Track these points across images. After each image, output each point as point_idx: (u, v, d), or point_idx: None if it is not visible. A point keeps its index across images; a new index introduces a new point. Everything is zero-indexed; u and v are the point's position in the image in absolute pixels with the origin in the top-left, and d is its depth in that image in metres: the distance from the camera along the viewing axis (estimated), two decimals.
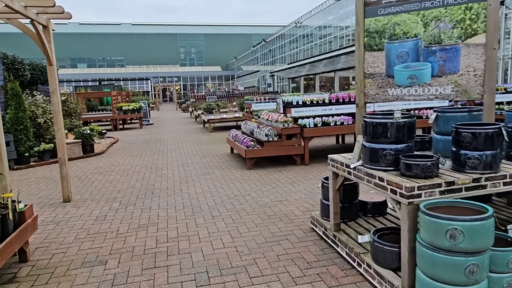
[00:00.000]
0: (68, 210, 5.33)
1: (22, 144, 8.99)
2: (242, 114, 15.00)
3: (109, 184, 6.85)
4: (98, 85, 32.17)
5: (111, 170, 8.11)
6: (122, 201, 5.69)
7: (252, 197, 5.61)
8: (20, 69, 10.30)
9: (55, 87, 5.61)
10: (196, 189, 6.25)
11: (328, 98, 8.24)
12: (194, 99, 29.79)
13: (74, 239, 4.21)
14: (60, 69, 61.81)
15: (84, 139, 10.27)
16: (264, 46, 49.50)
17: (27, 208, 3.64)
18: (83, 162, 9.41)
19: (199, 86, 62.76)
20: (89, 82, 48.76)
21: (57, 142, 5.75)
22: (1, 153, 3.68)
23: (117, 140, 13.43)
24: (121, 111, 17.88)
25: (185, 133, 15.11)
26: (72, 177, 7.57)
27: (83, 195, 6.14)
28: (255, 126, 8.62)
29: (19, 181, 7.41)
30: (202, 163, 8.53)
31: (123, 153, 10.47)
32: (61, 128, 5.72)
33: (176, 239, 4.09)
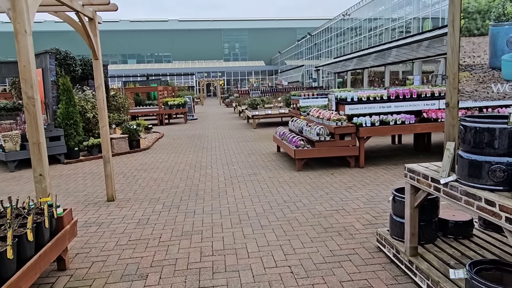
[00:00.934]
0: (112, 211, 5.12)
1: (72, 138, 9.08)
2: (288, 110, 14.43)
3: (153, 182, 6.63)
4: (146, 80, 32.99)
5: (156, 167, 7.92)
6: (166, 202, 5.40)
7: (304, 204, 5.09)
8: (72, 64, 10.46)
9: (100, 82, 5.41)
10: (242, 192, 5.83)
11: (386, 95, 7.48)
12: (238, 94, 29.65)
13: (115, 245, 3.93)
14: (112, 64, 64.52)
15: (130, 134, 10.25)
16: (309, 40, 48.31)
17: (65, 213, 3.38)
18: (129, 157, 9.36)
19: (243, 81, 62.78)
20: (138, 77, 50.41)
21: (101, 139, 5.56)
22: (41, 153, 3.45)
23: (162, 135, 13.41)
24: (167, 105, 17.98)
25: (229, 129, 14.83)
26: (118, 173, 7.46)
27: (127, 194, 5.93)
28: (304, 124, 8.05)
29: (68, 176, 7.42)
30: (247, 162, 8.11)
31: (167, 149, 10.33)
32: (105, 125, 5.53)
33: (222, 252, 3.68)
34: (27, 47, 3.32)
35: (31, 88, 3.37)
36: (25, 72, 3.35)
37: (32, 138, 3.43)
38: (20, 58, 3.33)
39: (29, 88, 3.37)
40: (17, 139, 8.23)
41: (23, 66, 3.34)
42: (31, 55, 3.36)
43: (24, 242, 2.60)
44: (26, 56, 3.33)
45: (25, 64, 3.34)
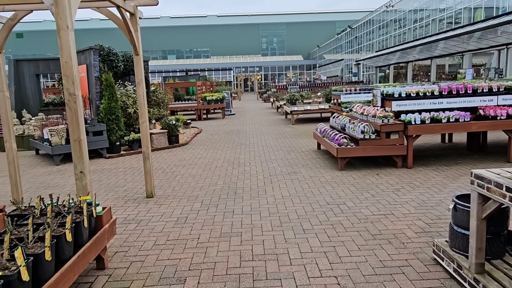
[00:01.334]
0: (150, 208, 5.08)
1: (114, 133, 9.26)
2: (328, 106, 14.00)
3: (192, 179, 6.56)
4: (185, 76, 33.53)
5: (194, 164, 7.88)
6: (204, 201, 5.29)
7: (349, 206, 4.78)
8: (114, 60, 10.68)
9: (140, 77, 5.38)
10: (282, 191, 5.61)
11: (438, 90, 6.94)
12: (275, 89, 29.37)
13: (153, 245, 3.86)
14: (152, 60, 66.30)
15: (169, 129, 10.32)
16: (349, 33, 46.93)
17: (105, 212, 3.33)
18: (168, 153, 9.41)
19: (280, 75, 62.33)
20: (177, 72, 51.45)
21: (141, 135, 5.54)
22: (82, 150, 3.42)
23: (200, 131, 13.46)
24: (205, 101, 18.08)
25: (267, 124, 14.63)
26: (157, 169, 7.49)
27: (166, 191, 5.90)
28: (347, 120, 7.68)
29: (109, 171, 7.54)
30: (286, 159, 7.87)
31: (206, 145, 10.30)
32: (145, 120, 5.50)
33: (262, 257, 3.48)
34: (69, 43, 3.27)
35: (72, 84, 3.33)
36: (67, 68, 3.31)
37: (73, 135, 3.40)
38: (62, 54, 3.29)
39: (71, 84, 3.33)
40: (63, 133, 8.50)
41: (65, 62, 3.30)
42: (72, 50, 3.31)
43: (62, 243, 2.54)
44: (67, 52, 3.29)
45: (66, 60, 3.30)
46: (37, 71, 11.91)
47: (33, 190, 6.31)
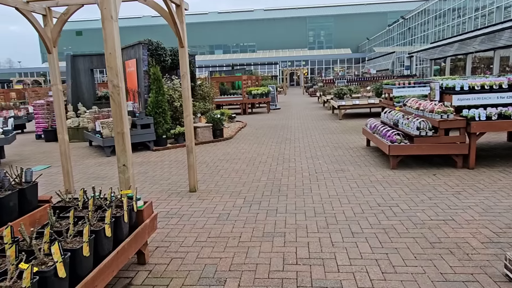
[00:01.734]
0: (193, 202, 5.02)
1: (161, 126, 9.41)
2: (378, 100, 13.31)
3: (235, 174, 6.45)
4: (231, 70, 33.75)
5: (238, 158, 7.77)
6: (247, 197, 5.14)
7: (402, 209, 4.40)
8: (162, 54, 10.85)
9: (185, 70, 5.31)
10: (329, 190, 5.31)
11: (507, 83, 6.23)
12: (322, 83, 28.66)
13: (194, 241, 3.76)
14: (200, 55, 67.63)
15: (214, 123, 10.32)
16: (402, 24, 44.65)
17: (146, 206, 3.26)
18: (212, 146, 9.40)
19: (327, 69, 60.98)
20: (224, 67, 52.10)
21: (185, 129, 5.49)
22: (125, 143, 3.38)
23: (245, 125, 13.38)
24: (250, 95, 18.00)
25: (313, 119, 14.24)
26: (201, 162, 7.47)
27: (209, 185, 5.83)
28: (401, 116, 7.16)
29: (155, 163, 7.64)
30: (333, 156, 7.52)
31: (250, 139, 10.18)
32: (189, 114, 5.44)
33: (307, 261, 3.25)
34: (113, 34, 3.22)
35: (116, 76, 3.28)
36: (111, 59, 3.26)
37: (117, 127, 3.36)
38: (107, 45, 3.25)
39: (114, 76, 3.29)
40: (113, 126, 8.75)
41: (109, 53, 3.26)
42: (116, 42, 3.26)
43: (101, 238, 2.48)
44: (112, 43, 3.24)
45: (111, 51, 3.25)
46: (91, 66, 12.43)
47: (84, 180, 6.53)
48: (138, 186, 5.95)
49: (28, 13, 5.02)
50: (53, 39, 5.38)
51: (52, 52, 5.40)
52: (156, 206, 4.90)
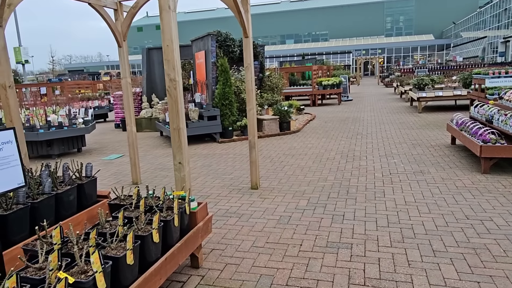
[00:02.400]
0: (253, 201, 4.78)
1: (227, 118, 9.35)
2: (466, 92, 11.85)
3: (300, 171, 6.08)
4: (302, 60, 33.05)
5: (304, 153, 7.38)
6: (311, 198, 4.75)
7: (498, 225, 3.67)
8: (231, 45, 10.77)
9: (249, 61, 5.05)
10: (405, 195, 4.70)
11: None
12: (400, 73, 26.70)
13: (251, 246, 3.51)
14: (271, 45, 67.59)
15: (281, 115, 10.00)
16: (496, 5, 39.70)
17: (200, 208, 3.07)
18: (278, 140, 9.11)
19: (405, 58, 56.98)
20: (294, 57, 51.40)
21: (248, 123, 5.25)
22: (181, 140, 3.21)
23: (314, 117, 12.86)
24: (321, 86, 17.33)
25: (388, 112, 13.19)
26: (265, 157, 7.23)
27: (272, 183, 5.55)
28: (495, 111, 6.16)
29: (220, 156, 7.58)
30: (411, 155, 6.76)
31: (318, 133, 9.69)
32: (253, 107, 5.18)
33: (377, 283, 2.80)
34: (170, 24, 3.04)
35: (173, 70, 3.11)
36: (168, 52, 3.09)
37: (173, 123, 3.20)
38: (164, 37, 3.08)
39: (171, 69, 3.11)
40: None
41: (166, 45, 3.09)
42: (174, 33, 3.08)
43: (148, 244, 2.32)
44: (169, 35, 3.06)
45: (168, 43, 3.08)
46: None
47: (151, 171, 6.68)
48: (201, 179, 5.90)
49: (100, 8, 5.13)
50: (123, 32, 5.47)
51: (122, 46, 5.49)
52: (216, 203, 4.75)
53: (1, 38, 3.65)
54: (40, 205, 2.59)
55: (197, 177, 6.06)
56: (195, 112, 9.06)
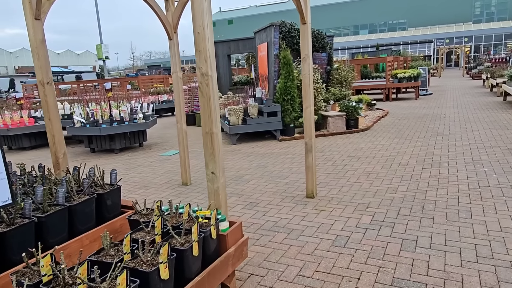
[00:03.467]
0: (307, 213, 4.15)
1: (288, 114, 8.75)
2: None
3: (365, 178, 5.28)
4: (375, 51, 30.97)
5: (372, 156, 6.50)
6: (376, 214, 3.99)
7: None
8: (296, 36, 10.09)
9: (307, 52, 4.40)
10: (500, 218, 3.71)
11: None
12: (490, 63, 23.62)
13: (296, 275, 2.91)
14: (343, 36, 65.02)
15: (348, 112, 9.11)
16: None
17: (232, 229, 2.55)
18: (344, 139, 8.28)
19: (497, 46, 50.76)
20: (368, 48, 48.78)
21: (304, 123, 4.61)
22: (214, 146, 2.72)
23: (386, 113, 11.66)
24: (396, 78, 15.82)
25: (476, 108, 11.47)
26: (327, 159, 6.51)
27: (331, 191, 4.85)
28: None
29: (278, 156, 7.03)
30: (507, 163, 5.55)
31: (390, 132, 8.64)
32: (309, 106, 4.53)
33: None
34: (202, 7, 2.54)
35: (205, 62, 2.62)
36: (199, 41, 2.60)
37: (205, 126, 2.72)
38: (195, 22, 2.60)
39: (203, 62, 2.62)
40: (240, 113, 8.50)
41: (197, 33, 2.60)
42: (207, 18, 2.57)
43: (154, 282, 1.85)
44: (200, 20, 2.57)
45: (199, 30, 2.59)
46: (228, 51, 12.61)
47: (202, 170, 6.35)
48: (253, 182, 5.41)
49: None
50: (173, 24, 5.15)
51: (173, 38, 5.18)
52: (265, 213, 4.22)
53: (39, 32, 3.48)
54: (49, 219, 2.28)
55: (250, 180, 5.58)
56: (254, 108, 8.60)
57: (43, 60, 3.54)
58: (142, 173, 6.39)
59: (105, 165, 7.17)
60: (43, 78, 3.54)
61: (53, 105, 3.63)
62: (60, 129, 3.70)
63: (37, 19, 3.46)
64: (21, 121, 9.25)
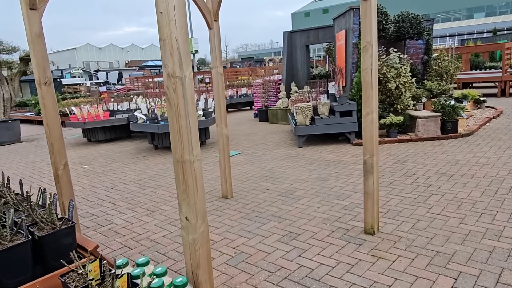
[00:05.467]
0: (358, 261, 3.03)
1: None
2: None
3: (454, 209, 3.87)
4: (492, 36, 26.41)
5: (470, 175, 4.93)
6: (462, 276, 2.69)
7: None
8: (382, 21, 8.55)
9: (369, 40, 3.22)
10: None
11: None
12: None
13: None
14: (453, 22, 57.81)
15: (444, 112, 7.37)
16: None
17: None
18: (435, 147, 6.65)
19: None
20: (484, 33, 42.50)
21: (363, 135, 3.44)
22: (186, 181, 1.84)
23: (499, 113, 9.39)
24: None
25: None
26: (407, 175, 5.13)
27: (400, 226, 3.60)
28: None
29: (346, 165, 5.84)
30: None
31: (501, 140, 6.71)
32: (371, 112, 3.35)
33: None
34: None
35: (170, 57, 1.75)
36: (163, 24, 1.73)
37: (175, 152, 1.86)
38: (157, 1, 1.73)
39: (169, 57, 1.76)
40: (308, 112, 7.44)
41: (160, 12, 1.73)
42: None
43: None
44: None
45: (162, 9, 1.72)
46: (307, 41, 11.49)
47: (253, 180, 5.52)
48: (304, 201, 4.40)
49: None
50: (213, 10, 4.37)
51: (213, 27, 4.40)
52: (303, 252, 3.22)
53: (36, 23, 2.99)
54: None
55: (302, 197, 4.59)
56: (324, 106, 7.44)
57: (40, 56, 3.05)
58: None
59: (157, 165, 6.83)
60: (39, 77, 3.06)
61: (52, 109, 3.14)
62: (60, 136, 3.20)
63: (32, 9, 2.97)
64: (97, 115, 9.56)
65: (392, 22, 9.02)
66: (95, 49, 67.60)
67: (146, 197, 5.07)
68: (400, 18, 9.23)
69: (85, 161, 7.73)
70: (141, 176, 6.19)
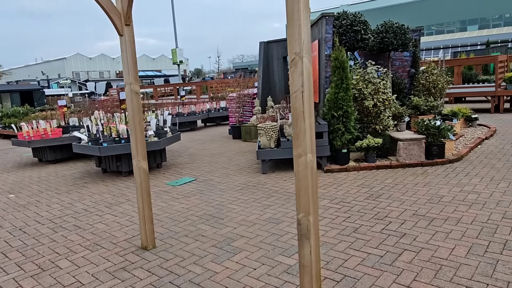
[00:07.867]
0: None
1: (339, 136, 6.43)
2: None
3: (431, 277, 2.86)
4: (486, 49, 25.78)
5: (455, 218, 3.94)
6: None
7: None
8: (360, 31, 7.65)
9: (298, 50, 2.22)
10: None
11: None
12: None
13: None
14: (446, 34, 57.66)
15: (429, 134, 6.42)
16: None
17: None
18: (417, 176, 5.67)
19: None
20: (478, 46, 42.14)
21: (296, 181, 2.43)
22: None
23: (492, 133, 8.46)
24: (510, 83, 12.04)
25: None
26: (378, 217, 4.14)
27: None
28: None
29: None
30: None
31: (494, 167, 5.75)
32: (304, 153, 2.35)
33: None
34: None
35: None
36: None
37: None
38: None
39: None
40: (272, 133, 6.47)
41: None
42: None
43: None
44: None
45: None
46: (284, 52, 10.59)
47: (195, 218, 4.50)
48: (242, 255, 3.37)
49: None
50: (124, 13, 3.41)
51: (124, 34, 3.45)
52: None
53: None
54: None
55: (241, 249, 3.57)
56: (291, 126, 6.47)
57: None
58: (116, 217, 4.80)
59: (92, 195, 5.81)
60: None
61: None
62: None
63: None
64: (45, 132, 8.52)
65: (373, 32, 8.15)
66: (85, 59, 66.70)
67: (51, 245, 4.03)
68: (383, 28, 8.35)
69: (18, 187, 6.69)
70: (66, 212, 5.16)
